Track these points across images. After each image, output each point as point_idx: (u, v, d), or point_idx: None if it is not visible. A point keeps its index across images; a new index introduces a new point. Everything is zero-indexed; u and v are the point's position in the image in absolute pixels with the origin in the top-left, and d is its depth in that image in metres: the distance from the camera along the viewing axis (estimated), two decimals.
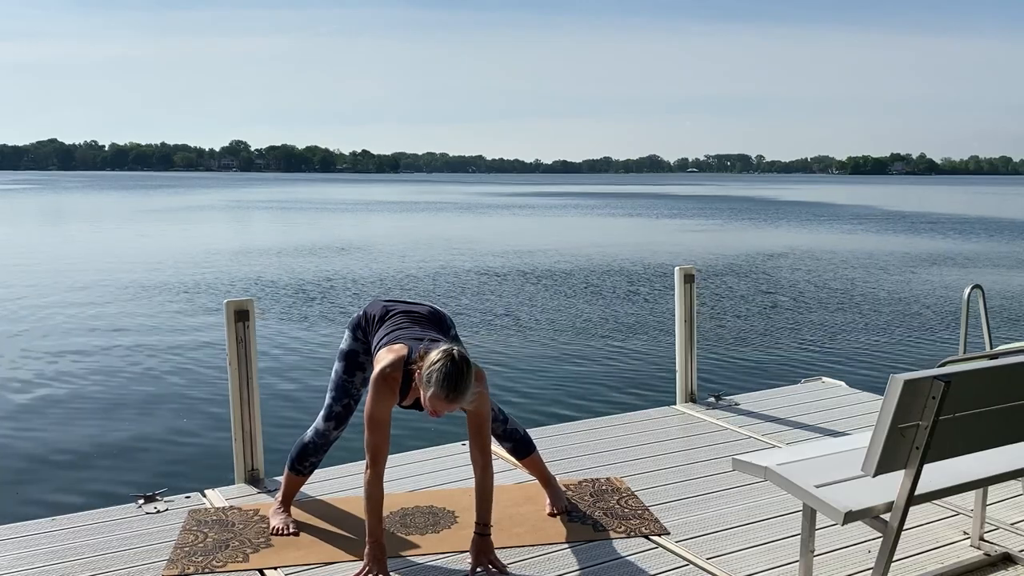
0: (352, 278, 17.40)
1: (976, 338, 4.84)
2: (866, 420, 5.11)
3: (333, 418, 3.58)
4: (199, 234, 29.69)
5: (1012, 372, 2.65)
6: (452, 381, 2.96)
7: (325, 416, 3.60)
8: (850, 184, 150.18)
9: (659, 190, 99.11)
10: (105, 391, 8.61)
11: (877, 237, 29.46)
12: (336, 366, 3.59)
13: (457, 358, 2.99)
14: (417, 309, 3.50)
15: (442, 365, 2.97)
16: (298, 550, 3.44)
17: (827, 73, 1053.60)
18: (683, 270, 5.50)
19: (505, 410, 3.82)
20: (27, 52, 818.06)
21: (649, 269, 19.16)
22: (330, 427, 3.60)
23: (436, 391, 2.97)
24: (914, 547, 3.43)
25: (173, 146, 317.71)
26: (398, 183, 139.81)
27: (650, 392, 8.39)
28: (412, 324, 3.39)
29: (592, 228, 34.22)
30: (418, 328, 3.37)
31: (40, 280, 17.08)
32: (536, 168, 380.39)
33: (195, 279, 17.22)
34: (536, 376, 9.10)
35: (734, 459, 3.01)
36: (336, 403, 3.57)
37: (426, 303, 3.58)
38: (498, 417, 3.72)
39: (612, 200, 66.76)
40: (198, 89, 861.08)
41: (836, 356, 10.25)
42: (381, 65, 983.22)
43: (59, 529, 3.67)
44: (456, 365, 2.98)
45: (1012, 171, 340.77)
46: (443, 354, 3.00)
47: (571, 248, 24.39)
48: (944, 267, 19.92)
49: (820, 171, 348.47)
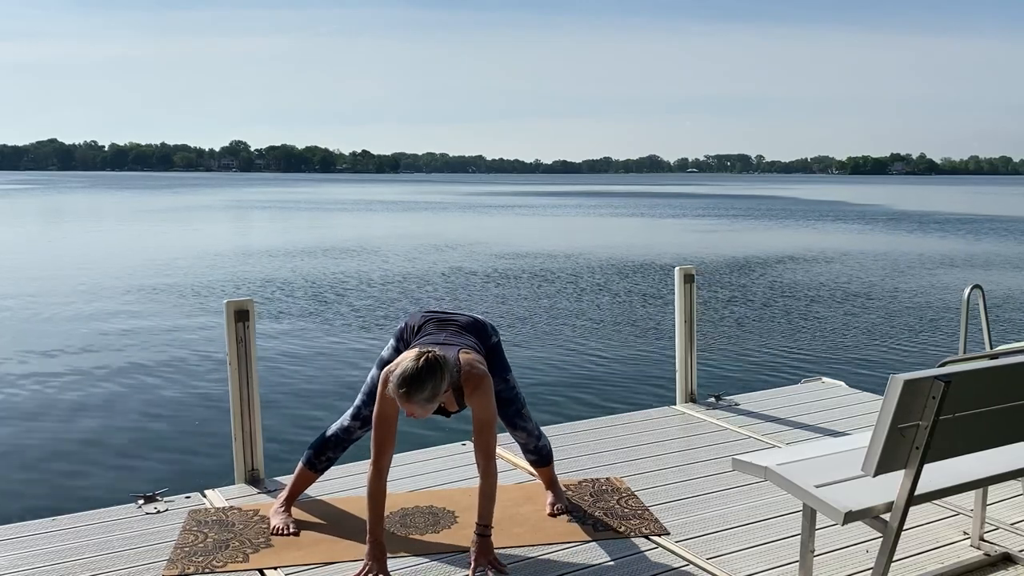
0: (352, 278, 17.40)
1: (976, 338, 4.84)
2: (866, 420, 5.11)
3: (360, 418, 3.62)
4: (199, 234, 29.68)
5: (1012, 372, 2.65)
6: (407, 381, 2.98)
7: (353, 415, 3.64)
8: (850, 184, 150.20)
9: (659, 190, 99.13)
10: (105, 391, 8.61)
11: (877, 237, 29.46)
12: (372, 371, 3.62)
13: (427, 359, 3.01)
14: (455, 318, 3.51)
15: (408, 363, 3.00)
16: (298, 550, 3.44)
17: (827, 73, 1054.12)
18: (683, 270, 5.50)
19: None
20: (27, 52, 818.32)
21: (649, 269, 19.16)
22: (355, 426, 3.63)
23: (393, 388, 3.01)
24: (914, 547, 3.44)
25: (173, 146, 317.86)
26: (398, 183, 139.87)
27: (650, 392, 8.39)
28: (440, 331, 3.42)
29: (592, 228, 34.23)
30: (445, 334, 3.39)
31: (40, 280, 17.08)
32: (536, 168, 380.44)
33: (195, 279, 17.22)
34: (536, 376, 9.10)
35: (734, 459, 3.01)
36: (365, 407, 3.60)
37: (467, 313, 3.60)
38: (534, 432, 3.74)
39: (612, 200, 66.77)
40: (198, 89, 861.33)
41: (836, 356, 10.25)
42: (381, 65, 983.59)
43: (59, 529, 3.68)
44: (419, 366, 2.99)
45: (1012, 171, 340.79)
46: (415, 355, 3.03)
47: (571, 248, 24.39)
48: (944, 267, 19.92)
49: (820, 171, 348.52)
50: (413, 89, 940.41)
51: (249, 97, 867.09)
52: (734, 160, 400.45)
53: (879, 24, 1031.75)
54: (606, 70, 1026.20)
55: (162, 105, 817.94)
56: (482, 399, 3.21)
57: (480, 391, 3.20)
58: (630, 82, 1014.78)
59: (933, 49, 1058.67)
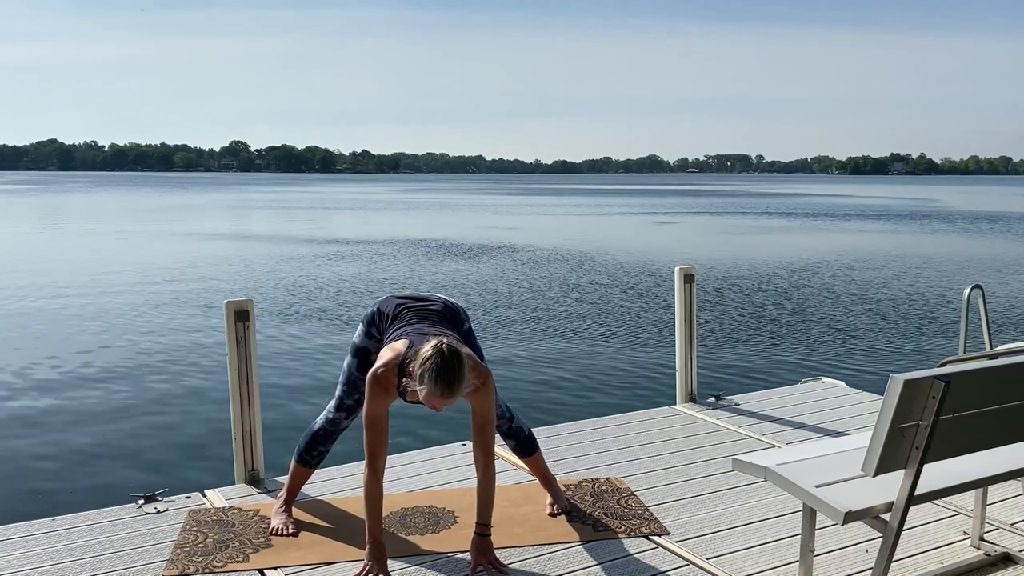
0: (353, 278, 17.39)
1: (976, 338, 4.84)
2: (866, 420, 5.11)
3: (344, 409, 3.59)
4: (199, 234, 29.68)
5: (1012, 372, 2.65)
6: (444, 378, 2.95)
7: (336, 407, 3.60)
8: (850, 184, 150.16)
9: (659, 189, 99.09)
10: (105, 391, 8.61)
11: (877, 236, 29.46)
12: (348, 360, 3.57)
13: (447, 353, 2.96)
14: (429, 305, 3.47)
15: (432, 363, 2.95)
16: (298, 550, 3.44)
17: (827, 73, 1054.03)
18: (683, 270, 5.49)
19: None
20: (27, 52, 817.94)
21: (649, 269, 19.16)
22: (341, 417, 3.61)
23: (430, 389, 2.96)
24: (914, 547, 3.43)
25: (173, 146, 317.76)
26: (398, 183, 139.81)
27: (650, 392, 8.39)
28: (420, 321, 3.37)
29: (592, 228, 34.21)
30: (426, 324, 3.35)
31: (39, 280, 17.07)
32: (536, 168, 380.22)
33: (195, 279, 17.22)
34: (536, 376, 9.09)
35: (734, 459, 3.01)
36: (347, 396, 3.57)
37: (439, 297, 3.56)
38: (504, 415, 3.72)
39: (612, 199, 66.75)
40: (198, 89, 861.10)
41: (836, 356, 10.25)
42: (381, 65, 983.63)
43: (59, 529, 3.67)
44: (447, 360, 2.95)
45: (1012, 171, 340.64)
46: (433, 350, 2.97)
47: (571, 248, 24.39)
48: (944, 267, 19.92)
49: (820, 171, 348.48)
50: (413, 89, 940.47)
51: (249, 97, 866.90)
52: (734, 160, 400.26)
53: (879, 24, 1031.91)
54: (606, 70, 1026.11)
55: (162, 105, 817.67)
56: (485, 396, 3.19)
57: (484, 388, 3.18)
58: (630, 82, 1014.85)
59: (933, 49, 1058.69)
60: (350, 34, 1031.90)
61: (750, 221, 38.70)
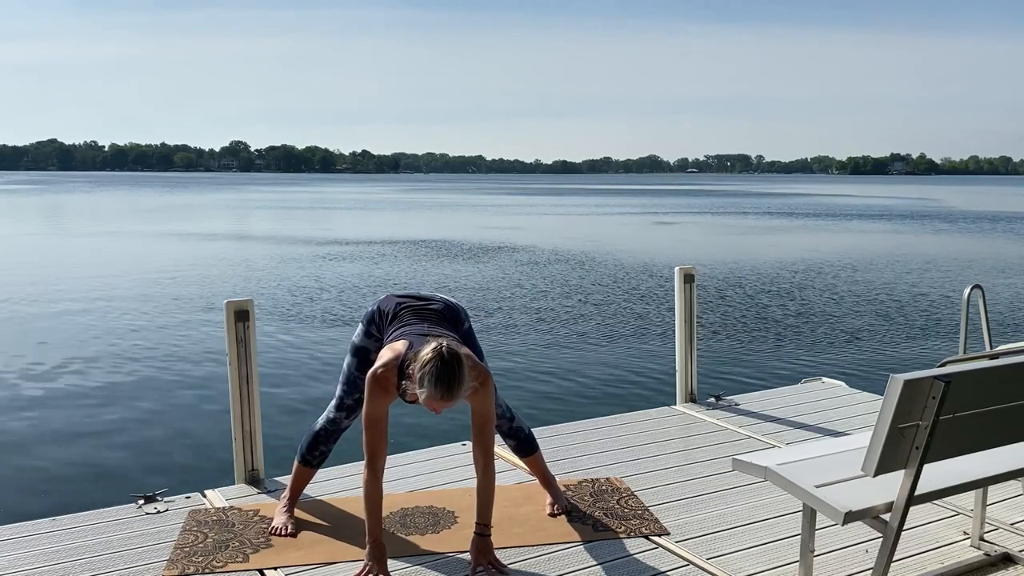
0: (353, 278, 17.39)
1: (976, 338, 4.84)
2: (866, 420, 5.11)
3: (344, 409, 3.59)
4: (199, 234, 29.68)
5: (1012, 372, 2.65)
6: (444, 382, 2.94)
7: (336, 406, 3.60)
8: (850, 184, 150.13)
9: (659, 189, 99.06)
10: (105, 391, 8.61)
11: (877, 236, 29.45)
12: (348, 359, 3.56)
13: (447, 356, 2.95)
14: (429, 304, 3.46)
15: (432, 366, 2.93)
16: (298, 550, 3.44)
17: (827, 73, 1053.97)
18: (683, 270, 5.49)
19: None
20: (27, 52, 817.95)
21: (649, 269, 19.16)
22: (341, 416, 3.61)
23: (430, 392, 2.95)
24: (914, 547, 3.43)
25: (173, 146, 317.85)
26: (398, 183, 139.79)
27: (650, 392, 8.39)
28: (420, 320, 3.36)
29: (592, 228, 34.21)
30: (426, 324, 3.34)
31: (39, 280, 17.07)
32: (536, 168, 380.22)
33: (195, 279, 17.22)
34: (536, 376, 9.09)
35: (734, 459, 3.01)
36: (347, 396, 3.56)
37: (439, 296, 3.55)
38: (504, 414, 3.72)
39: (612, 199, 66.75)
40: (198, 89, 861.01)
41: (836, 356, 10.25)
42: (381, 65, 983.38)
43: (59, 529, 3.67)
44: (446, 363, 2.94)
45: (1012, 171, 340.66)
46: (433, 353, 2.96)
47: (571, 248, 24.38)
48: (944, 267, 19.92)
49: (820, 171, 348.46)
50: (413, 89, 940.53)
51: (249, 97, 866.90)
52: (734, 160, 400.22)
53: (879, 24, 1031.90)
54: (606, 70, 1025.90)
55: (162, 105, 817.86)
56: (485, 397, 3.19)
57: (483, 389, 3.17)
58: (630, 82, 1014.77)
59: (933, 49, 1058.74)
60: (350, 34, 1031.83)
61: (750, 221, 38.70)
